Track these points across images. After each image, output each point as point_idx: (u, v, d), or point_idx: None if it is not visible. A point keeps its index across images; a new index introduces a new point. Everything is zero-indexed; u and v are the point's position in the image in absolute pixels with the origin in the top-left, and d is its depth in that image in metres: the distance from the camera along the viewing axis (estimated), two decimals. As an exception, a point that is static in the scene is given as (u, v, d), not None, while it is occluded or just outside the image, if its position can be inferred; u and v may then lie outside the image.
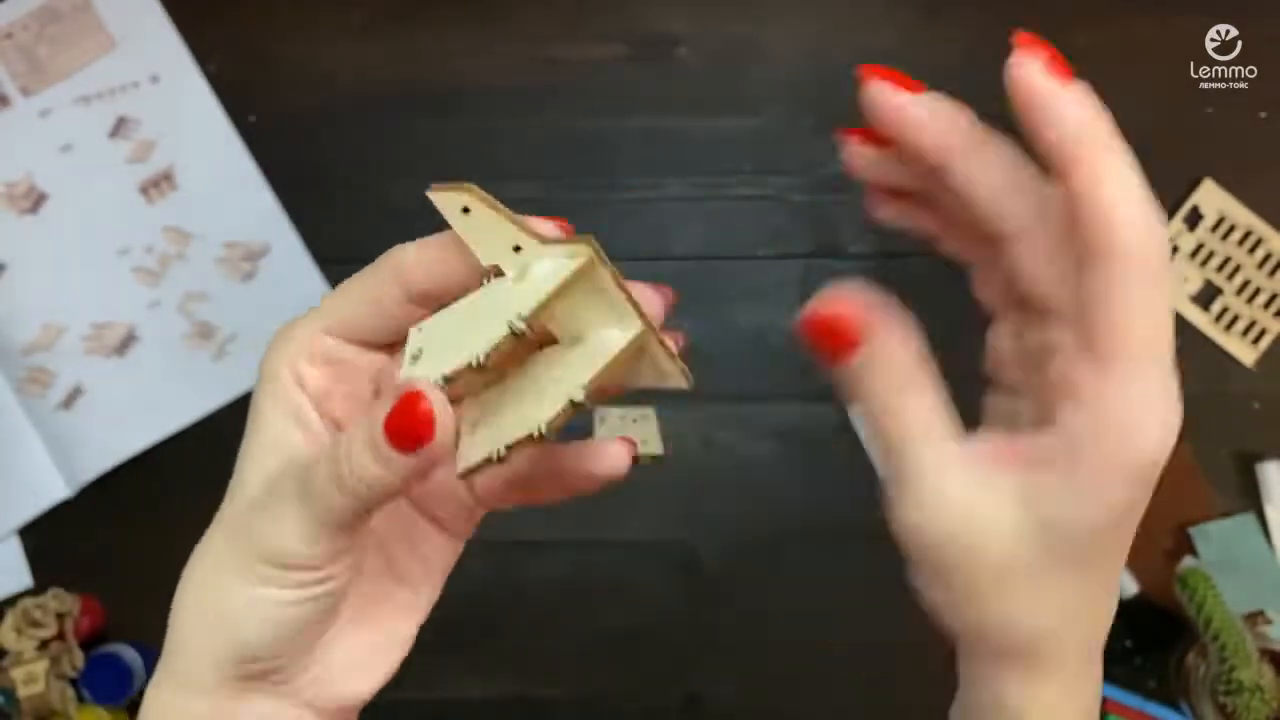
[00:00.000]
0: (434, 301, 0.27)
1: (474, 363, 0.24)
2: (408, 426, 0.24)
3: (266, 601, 0.26)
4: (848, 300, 0.25)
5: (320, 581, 0.26)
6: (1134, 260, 0.23)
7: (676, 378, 0.26)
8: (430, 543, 0.31)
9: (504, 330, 0.24)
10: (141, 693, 0.69)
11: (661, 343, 0.25)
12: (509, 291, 0.25)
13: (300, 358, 0.29)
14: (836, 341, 0.25)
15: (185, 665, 0.27)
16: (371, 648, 0.29)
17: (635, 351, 0.25)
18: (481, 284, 0.26)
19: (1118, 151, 0.24)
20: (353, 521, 0.25)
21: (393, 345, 0.29)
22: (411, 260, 0.27)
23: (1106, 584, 0.26)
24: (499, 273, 0.26)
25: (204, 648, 0.26)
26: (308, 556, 0.26)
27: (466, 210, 0.27)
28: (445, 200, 0.27)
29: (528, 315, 0.24)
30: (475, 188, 0.26)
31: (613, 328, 0.25)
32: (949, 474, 0.25)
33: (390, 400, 0.24)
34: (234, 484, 0.29)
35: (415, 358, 0.26)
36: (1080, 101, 0.24)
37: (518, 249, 0.26)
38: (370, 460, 0.24)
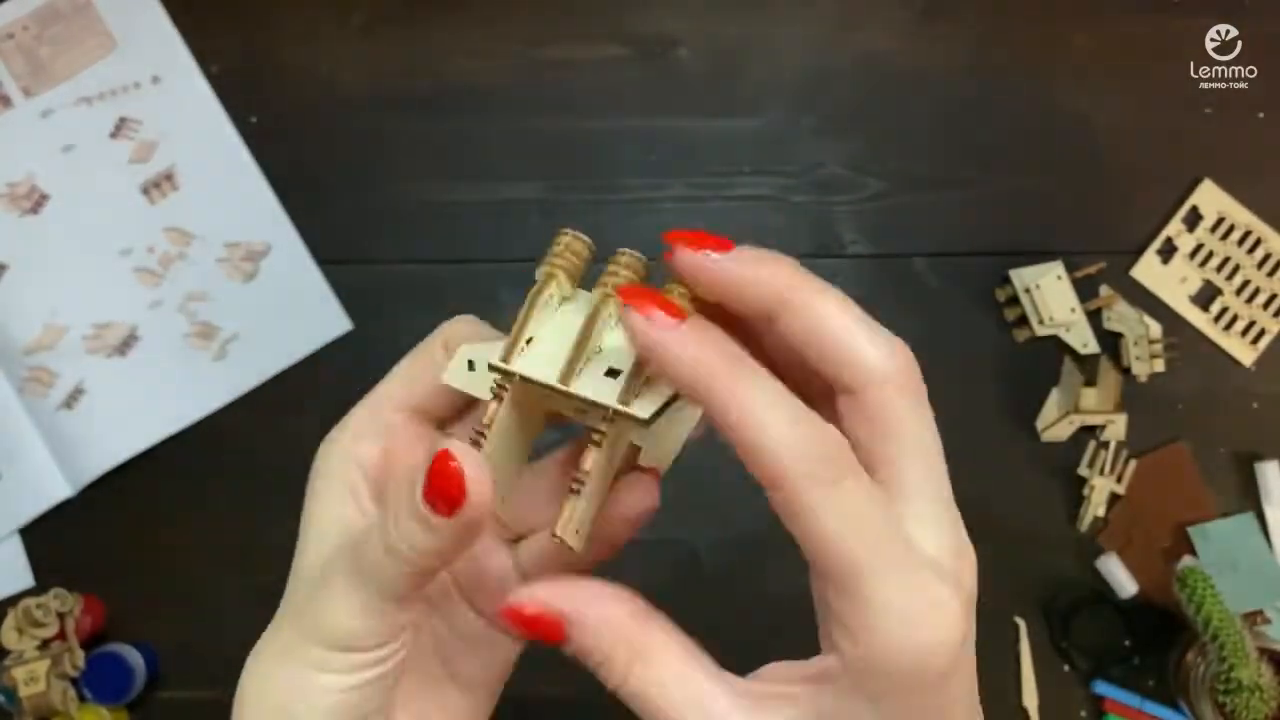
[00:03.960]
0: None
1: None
2: (442, 489, 0.23)
3: (326, 690, 0.26)
4: (541, 594, 0.25)
5: (378, 662, 0.26)
6: (792, 487, 0.22)
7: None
8: (485, 641, 0.31)
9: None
10: (142, 692, 0.69)
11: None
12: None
13: (358, 437, 0.29)
14: (543, 636, 0.25)
15: None
16: None
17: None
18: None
19: (742, 376, 0.23)
20: (407, 592, 0.25)
21: (455, 417, 0.30)
22: (465, 332, 0.29)
23: None
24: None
25: None
26: (364, 633, 0.25)
27: (471, 365, 0.28)
28: (458, 377, 0.28)
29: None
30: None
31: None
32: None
33: (427, 463, 0.24)
34: (293, 571, 0.28)
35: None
36: (690, 343, 0.23)
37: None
38: (416, 526, 0.24)
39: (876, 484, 0.23)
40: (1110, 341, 0.72)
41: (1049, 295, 0.70)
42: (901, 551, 0.22)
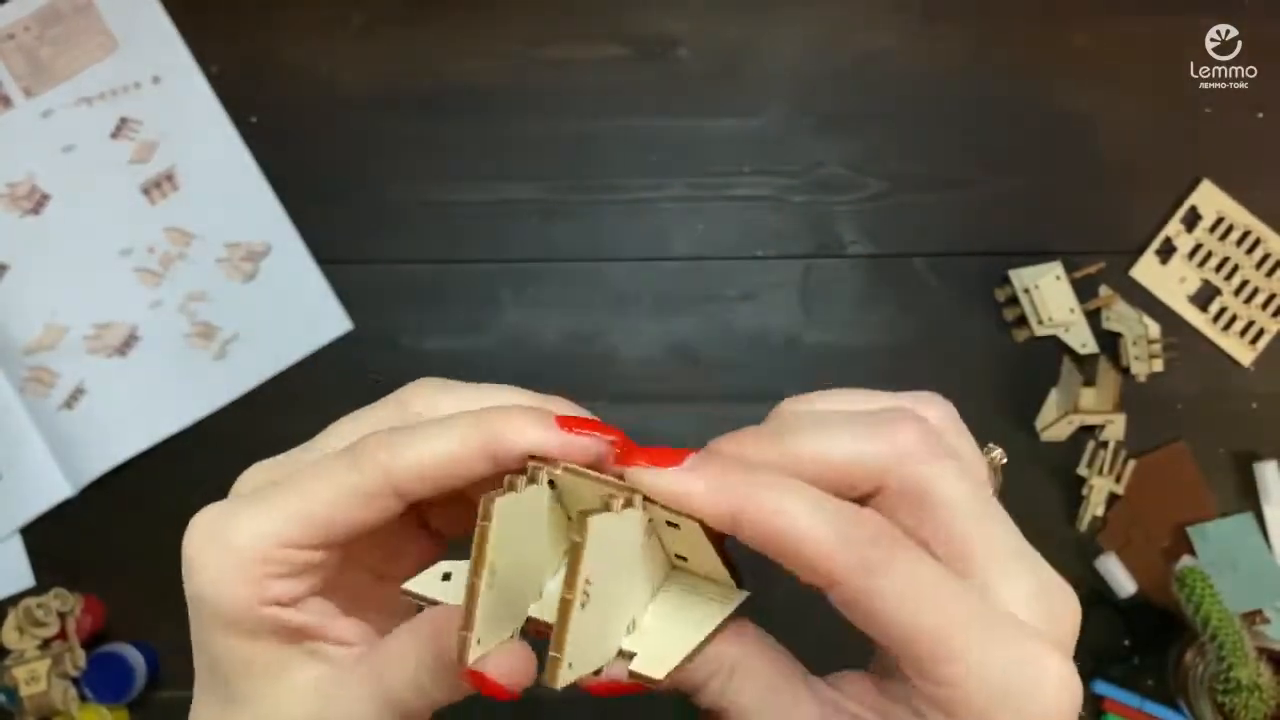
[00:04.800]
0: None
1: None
2: (492, 693, 0.22)
3: None
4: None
5: None
6: (849, 582, 0.21)
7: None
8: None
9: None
10: (142, 692, 0.69)
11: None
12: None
13: (264, 580, 0.23)
14: (631, 691, 0.23)
15: None
16: None
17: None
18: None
19: (761, 488, 0.22)
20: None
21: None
22: (414, 471, 0.23)
23: None
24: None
25: None
26: None
27: (447, 577, 0.24)
28: (426, 585, 0.24)
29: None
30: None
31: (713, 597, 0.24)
32: None
33: (456, 672, 0.22)
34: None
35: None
36: (698, 477, 0.22)
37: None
38: (448, 686, 0.23)
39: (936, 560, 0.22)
40: (1109, 341, 0.72)
41: (1048, 295, 0.70)
42: (979, 614, 0.21)
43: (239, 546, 0.23)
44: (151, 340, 0.73)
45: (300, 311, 0.73)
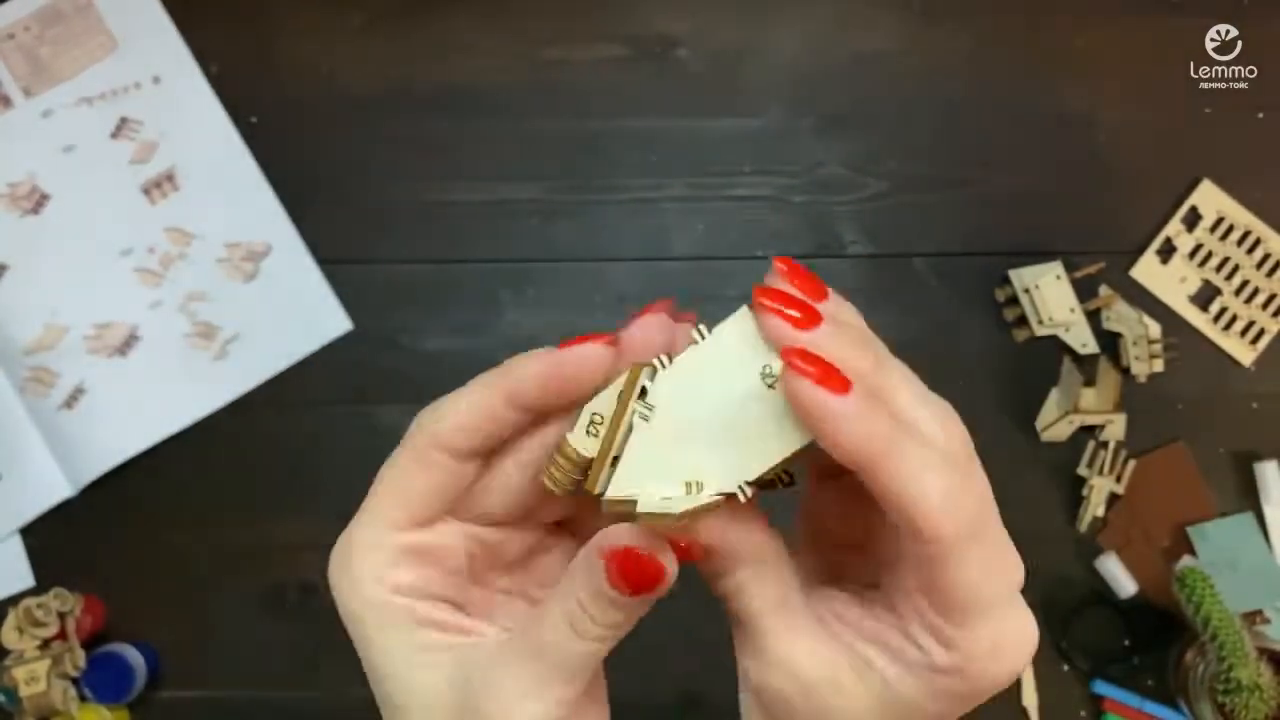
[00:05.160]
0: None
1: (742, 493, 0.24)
2: (636, 580, 0.24)
3: None
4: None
5: None
6: (945, 542, 0.23)
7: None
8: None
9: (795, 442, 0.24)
10: (142, 692, 0.69)
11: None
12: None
13: (387, 568, 0.27)
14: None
15: None
16: None
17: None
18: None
19: (902, 444, 0.23)
20: (588, 665, 0.26)
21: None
22: (452, 425, 0.26)
23: None
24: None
25: None
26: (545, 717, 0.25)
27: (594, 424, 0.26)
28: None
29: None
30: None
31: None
32: (804, 647, 0.25)
33: (604, 557, 0.24)
34: None
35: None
36: (860, 416, 0.23)
37: None
38: (602, 605, 0.25)
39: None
40: (1110, 341, 0.72)
41: (1048, 295, 0.70)
42: (1006, 590, 0.24)
43: (359, 552, 0.27)
44: (152, 340, 0.73)
45: (300, 311, 0.73)
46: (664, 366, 0.25)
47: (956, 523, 0.23)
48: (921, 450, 0.23)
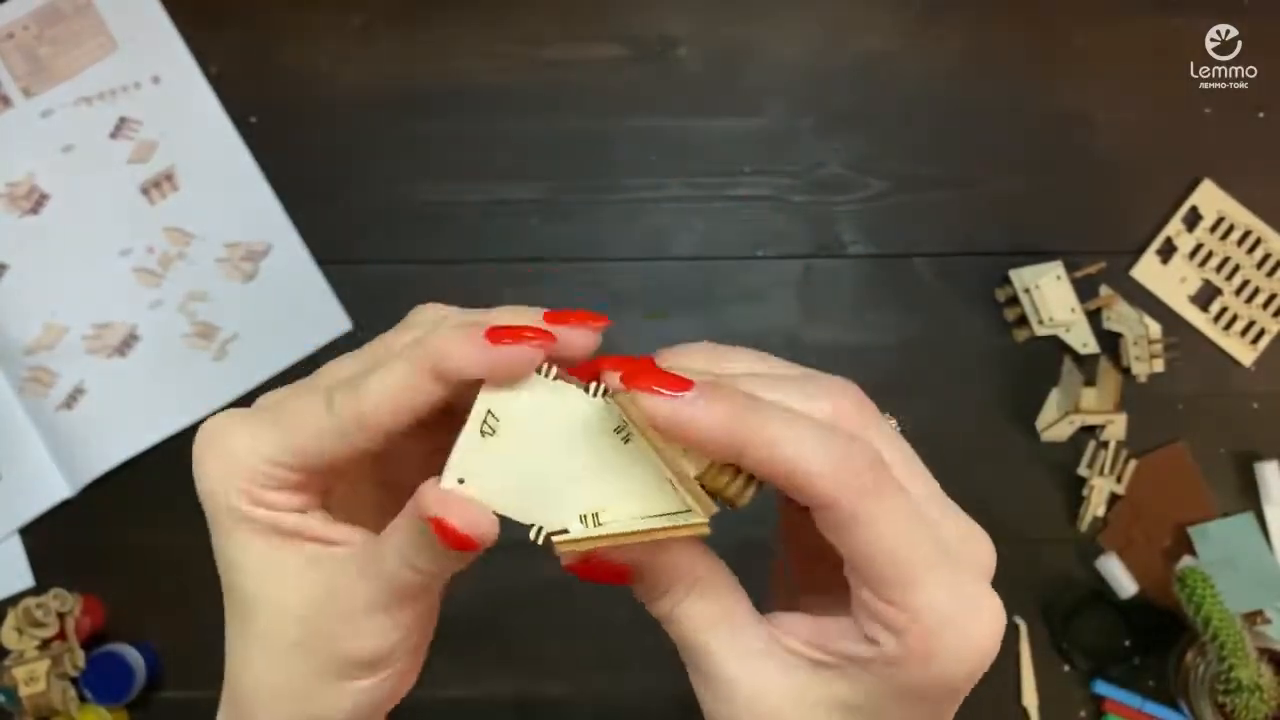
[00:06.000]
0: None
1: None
2: (453, 542, 0.24)
3: (355, 693, 0.26)
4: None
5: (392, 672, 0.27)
6: (842, 505, 0.23)
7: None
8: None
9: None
10: (142, 692, 0.69)
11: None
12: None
13: (253, 487, 0.26)
14: (610, 580, 0.25)
15: None
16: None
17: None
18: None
19: (764, 413, 0.23)
20: (418, 594, 0.26)
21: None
22: (373, 405, 0.25)
23: None
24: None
25: None
26: (383, 640, 0.26)
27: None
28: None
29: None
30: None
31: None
32: (754, 666, 0.24)
33: (425, 519, 0.24)
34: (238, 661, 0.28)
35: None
36: (708, 400, 0.23)
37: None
38: (428, 553, 0.24)
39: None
40: (1110, 341, 0.72)
41: (1049, 295, 0.70)
42: (945, 558, 0.23)
43: (235, 453, 0.25)
44: (151, 340, 0.73)
45: (300, 311, 0.73)
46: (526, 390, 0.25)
47: (846, 482, 0.22)
48: (788, 415, 0.23)
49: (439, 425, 0.26)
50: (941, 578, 0.23)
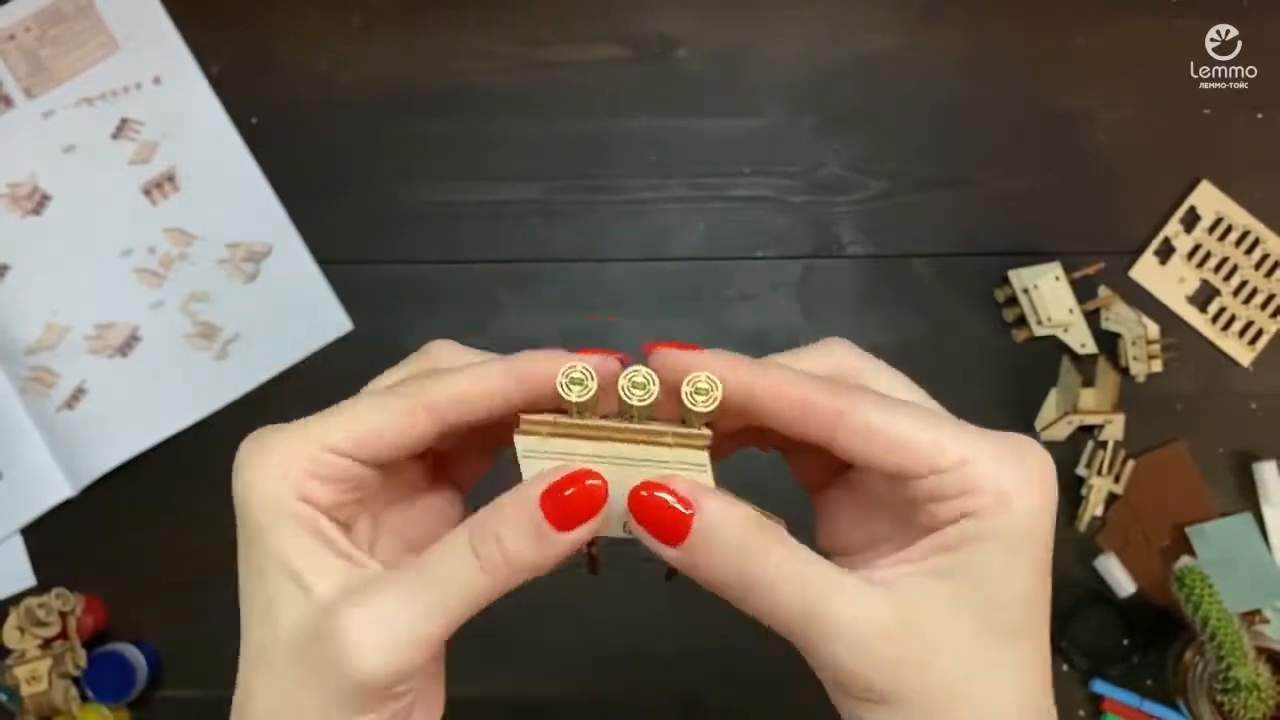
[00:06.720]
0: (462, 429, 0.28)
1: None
2: (574, 506, 0.24)
3: None
4: (669, 487, 0.25)
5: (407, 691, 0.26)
6: (855, 413, 0.26)
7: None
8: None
9: None
10: (143, 692, 0.70)
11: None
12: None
13: (304, 477, 0.26)
14: (669, 531, 0.26)
15: None
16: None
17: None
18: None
19: (857, 394, 0.27)
20: (480, 605, 0.25)
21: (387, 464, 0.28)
22: (449, 392, 0.27)
23: (1044, 653, 0.26)
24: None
25: None
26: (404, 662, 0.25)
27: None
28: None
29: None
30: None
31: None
32: (866, 603, 0.24)
33: (550, 479, 0.25)
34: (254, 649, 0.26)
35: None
36: (792, 375, 0.27)
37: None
38: (530, 539, 0.24)
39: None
40: (1108, 342, 0.72)
41: (1048, 295, 0.70)
42: (955, 422, 0.26)
43: (280, 452, 0.26)
44: (152, 340, 0.74)
45: (300, 311, 0.73)
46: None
47: (847, 393, 0.26)
48: (784, 368, 0.26)
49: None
50: (975, 437, 0.25)
